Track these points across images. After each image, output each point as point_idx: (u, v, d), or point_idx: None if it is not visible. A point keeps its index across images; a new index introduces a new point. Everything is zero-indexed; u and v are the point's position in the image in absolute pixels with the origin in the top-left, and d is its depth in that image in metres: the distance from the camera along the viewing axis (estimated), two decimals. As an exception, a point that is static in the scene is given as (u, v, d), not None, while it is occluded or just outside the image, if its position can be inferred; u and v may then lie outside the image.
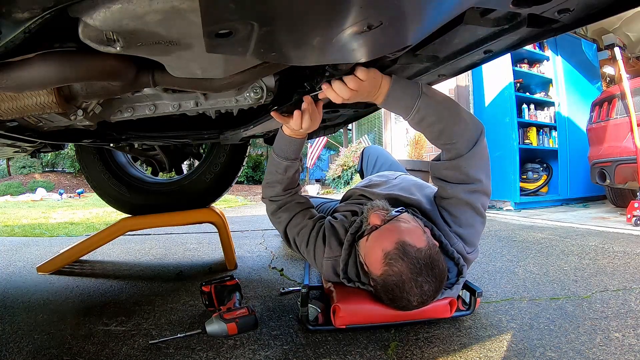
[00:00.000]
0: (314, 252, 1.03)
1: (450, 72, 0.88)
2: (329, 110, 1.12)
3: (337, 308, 0.91)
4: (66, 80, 0.58)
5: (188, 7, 0.40)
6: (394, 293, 0.83)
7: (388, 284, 0.83)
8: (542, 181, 3.97)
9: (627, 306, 1.06)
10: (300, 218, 1.07)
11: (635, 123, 2.63)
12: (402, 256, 0.82)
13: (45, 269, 1.60)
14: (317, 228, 1.05)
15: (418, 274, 0.81)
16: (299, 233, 1.06)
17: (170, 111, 0.93)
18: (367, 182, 1.32)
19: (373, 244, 0.87)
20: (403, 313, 0.94)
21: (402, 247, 0.82)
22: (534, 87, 4.09)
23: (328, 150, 12.95)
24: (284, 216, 1.08)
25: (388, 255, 0.83)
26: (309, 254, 1.05)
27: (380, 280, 0.84)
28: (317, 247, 1.03)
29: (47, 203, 7.07)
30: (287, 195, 1.09)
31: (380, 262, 0.84)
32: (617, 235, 2.18)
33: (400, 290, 0.82)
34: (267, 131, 1.42)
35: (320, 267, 1.03)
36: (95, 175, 1.70)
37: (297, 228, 1.06)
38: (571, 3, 0.54)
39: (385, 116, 6.17)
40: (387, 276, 0.83)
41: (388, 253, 0.83)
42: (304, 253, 1.06)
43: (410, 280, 0.81)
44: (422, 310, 0.94)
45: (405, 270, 0.81)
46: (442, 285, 0.85)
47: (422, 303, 0.83)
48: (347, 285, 0.97)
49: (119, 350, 0.88)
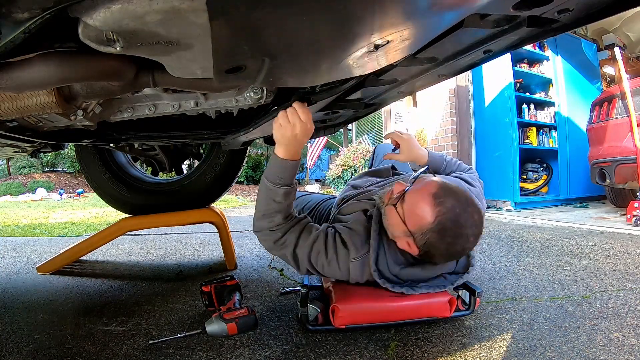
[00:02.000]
0: (336, 259, 0.96)
1: (450, 72, 0.88)
2: (328, 111, 1.12)
3: (336, 308, 0.92)
4: (66, 80, 0.58)
5: (188, 7, 0.40)
6: (452, 231, 0.85)
7: (445, 224, 0.84)
8: (542, 181, 3.97)
9: (627, 306, 1.06)
10: (307, 234, 1.00)
11: (635, 123, 2.63)
12: (449, 193, 0.87)
13: (45, 269, 1.60)
14: (330, 236, 0.99)
15: (466, 204, 0.86)
16: (312, 248, 0.98)
17: (170, 111, 0.93)
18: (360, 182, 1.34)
19: (415, 199, 0.89)
20: (402, 313, 0.94)
21: (445, 186, 0.88)
22: (534, 87, 4.10)
23: (328, 150, 12.95)
24: (290, 238, 0.99)
25: (436, 196, 0.86)
26: (330, 264, 0.97)
27: (436, 225, 0.85)
28: (339, 253, 0.97)
29: (47, 203, 7.07)
30: (289, 220, 1.01)
31: (431, 207, 0.86)
32: (617, 235, 2.18)
33: (457, 225, 0.84)
34: (267, 135, 1.42)
35: (347, 272, 0.97)
36: (95, 175, 1.70)
37: (308, 244, 0.98)
38: (571, 3, 0.54)
39: (385, 116, 6.17)
40: (442, 215, 0.85)
41: (435, 194, 0.86)
42: (324, 265, 0.98)
43: (464, 212, 0.85)
44: (421, 309, 0.95)
45: (456, 203, 0.85)
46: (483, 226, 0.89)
47: (476, 237, 0.87)
48: (378, 280, 0.94)
49: (119, 350, 0.88)
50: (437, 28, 0.52)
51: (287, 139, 0.91)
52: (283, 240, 0.99)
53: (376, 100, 1.12)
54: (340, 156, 6.75)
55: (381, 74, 0.87)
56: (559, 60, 3.91)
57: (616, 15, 0.55)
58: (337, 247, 0.97)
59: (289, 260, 1.01)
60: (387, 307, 0.94)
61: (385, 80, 0.92)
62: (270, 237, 1.00)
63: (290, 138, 0.91)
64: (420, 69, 0.85)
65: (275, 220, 0.98)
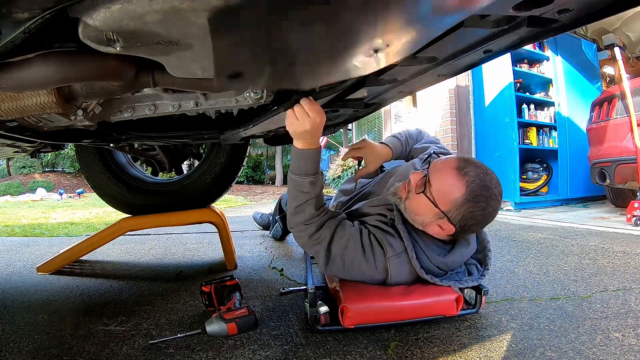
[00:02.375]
0: (373, 258, 0.97)
1: (449, 72, 0.88)
2: (328, 110, 1.12)
3: (345, 308, 0.91)
4: (66, 80, 0.58)
5: (188, 7, 0.40)
6: (484, 195, 0.89)
7: (476, 191, 0.89)
8: (542, 181, 3.97)
9: (627, 306, 1.06)
10: (342, 230, 1.00)
11: (635, 123, 2.63)
12: (468, 163, 0.92)
13: (45, 269, 1.60)
14: (366, 234, 1.00)
15: (485, 167, 0.93)
16: (347, 245, 0.98)
17: (170, 111, 0.93)
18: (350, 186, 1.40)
19: (440, 178, 0.93)
20: (409, 312, 0.95)
21: (462, 158, 0.94)
22: (534, 87, 4.09)
23: (328, 150, 12.95)
24: (325, 233, 0.99)
25: (460, 168, 0.91)
26: (367, 262, 0.97)
27: (468, 194, 0.89)
28: (375, 252, 0.97)
29: (47, 203, 7.07)
30: (322, 213, 1.01)
31: (459, 179, 0.90)
32: (617, 235, 2.18)
33: (486, 188, 0.90)
34: (266, 131, 1.42)
35: (384, 272, 0.98)
36: (95, 175, 1.70)
37: (344, 240, 0.98)
38: (571, 3, 0.54)
39: (385, 116, 6.18)
40: (471, 184, 0.89)
41: (458, 167, 0.91)
42: (360, 264, 0.97)
43: (486, 175, 0.91)
44: (428, 308, 0.96)
45: (478, 169, 0.91)
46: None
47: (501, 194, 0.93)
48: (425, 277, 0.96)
49: (119, 350, 0.88)
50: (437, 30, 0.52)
51: (300, 134, 0.93)
52: (318, 235, 0.99)
53: (376, 100, 1.12)
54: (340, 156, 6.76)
55: (381, 73, 0.87)
56: (559, 60, 3.91)
57: (616, 15, 0.55)
58: (373, 246, 0.98)
59: (320, 257, 1.00)
60: (395, 306, 0.94)
61: (385, 80, 0.92)
62: (305, 231, 1.00)
63: (302, 133, 0.92)
64: (420, 69, 0.85)
65: (307, 212, 0.99)
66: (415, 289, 0.98)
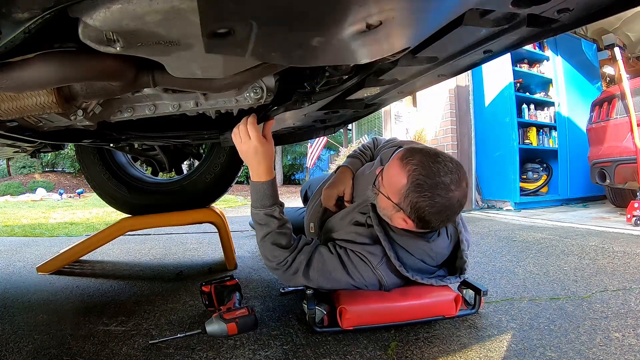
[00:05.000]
0: (359, 273, 0.95)
1: (450, 72, 0.88)
2: (328, 111, 1.12)
3: (344, 310, 0.91)
4: (66, 80, 0.58)
5: (188, 7, 0.40)
6: (426, 184, 0.83)
7: (418, 179, 0.84)
8: (542, 181, 3.97)
9: (627, 306, 1.06)
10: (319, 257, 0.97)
11: (635, 123, 2.63)
12: (414, 151, 0.88)
13: (45, 269, 1.60)
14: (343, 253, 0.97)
15: (436, 155, 0.87)
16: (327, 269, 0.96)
17: (170, 111, 0.93)
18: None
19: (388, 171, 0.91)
20: (408, 313, 0.95)
21: (410, 147, 0.91)
22: (534, 87, 4.10)
23: (328, 151, 12.95)
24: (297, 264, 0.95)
25: (403, 158, 0.88)
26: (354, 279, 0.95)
27: (410, 184, 0.85)
28: (358, 267, 0.95)
29: (47, 203, 7.07)
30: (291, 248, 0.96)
31: (401, 169, 0.87)
32: (617, 235, 2.18)
33: (430, 177, 0.84)
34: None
35: (377, 281, 0.96)
36: (95, 175, 1.70)
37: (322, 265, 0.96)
38: (571, 3, 0.54)
39: (385, 116, 6.17)
40: (412, 172, 0.85)
41: (402, 157, 0.88)
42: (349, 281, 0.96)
43: (434, 162, 0.85)
44: (427, 308, 0.96)
45: (423, 157, 0.86)
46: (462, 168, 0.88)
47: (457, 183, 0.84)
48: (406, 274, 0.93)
49: (119, 350, 0.88)
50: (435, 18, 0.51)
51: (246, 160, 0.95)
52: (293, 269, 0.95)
53: (376, 100, 1.12)
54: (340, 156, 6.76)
55: (381, 74, 0.87)
56: (559, 60, 3.91)
57: (616, 15, 0.55)
58: (354, 262, 0.95)
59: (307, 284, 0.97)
60: (394, 307, 0.94)
61: (385, 80, 0.92)
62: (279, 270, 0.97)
63: (247, 159, 0.94)
64: (420, 69, 0.85)
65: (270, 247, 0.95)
66: (414, 290, 0.98)
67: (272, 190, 0.96)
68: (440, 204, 0.84)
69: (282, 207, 0.99)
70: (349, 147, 6.87)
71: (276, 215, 0.96)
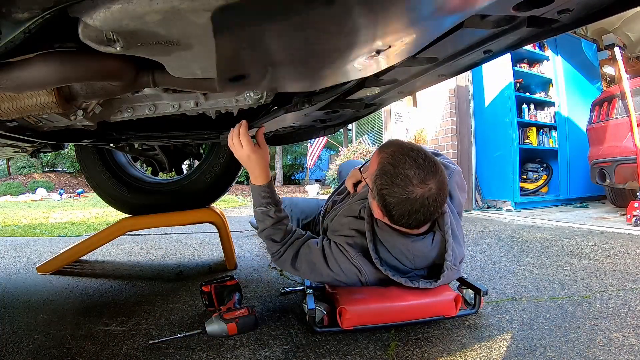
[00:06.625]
0: (337, 264, 0.99)
1: (449, 72, 0.88)
2: (329, 111, 1.12)
3: (344, 310, 0.91)
4: (66, 80, 0.58)
5: (188, 7, 0.40)
6: (389, 172, 0.85)
7: (384, 166, 0.87)
8: (542, 181, 3.97)
9: (627, 306, 1.06)
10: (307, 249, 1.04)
11: (635, 123, 2.63)
12: (393, 143, 0.91)
13: (45, 269, 1.60)
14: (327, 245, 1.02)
15: (410, 149, 0.87)
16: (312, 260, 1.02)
17: (170, 111, 0.93)
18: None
19: (371, 159, 0.95)
20: (408, 312, 0.95)
21: (393, 139, 0.94)
22: (534, 87, 4.10)
23: (328, 150, 12.96)
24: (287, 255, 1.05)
25: (381, 147, 0.92)
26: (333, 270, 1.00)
27: (379, 170, 0.88)
28: (337, 258, 1.00)
29: (47, 203, 7.07)
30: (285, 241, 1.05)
31: (376, 157, 0.91)
32: (617, 235, 2.18)
33: (395, 166, 0.85)
34: (267, 132, 1.42)
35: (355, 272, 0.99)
36: (95, 175, 1.70)
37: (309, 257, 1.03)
38: (571, 3, 0.54)
39: (385, 116, 6.17)
40: (382, 159, 0.88)
41: (381, 146, 0.92)
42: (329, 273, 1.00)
43: (405, 155, 0.85)
44: (426, 308, 0.96)
45: (397, 148, 0.88)
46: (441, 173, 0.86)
47: (422, 181, 0.83)
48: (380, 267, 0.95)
49: (119, 350, 0.88)
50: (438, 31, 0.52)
51: (243, 163, 1.02)
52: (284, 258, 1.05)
53: (376, 100, 1.12)
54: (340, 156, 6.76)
55: (381, 74, 0.87)
56: (559, 60, 3.91)
57: (616, 15, 0.55)
58: (334, 254, 1.01)
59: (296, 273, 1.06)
60: (393, 307, 0.94)
61: (385, 81, 0.92)
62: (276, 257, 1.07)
63: (244, 162, 1.01)
64: (420, 69, 0.85)
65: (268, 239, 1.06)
66: (414, 289, 0.98)
67: (269, 192, 1.04)
68: (398, 194, 0.84)
69: (278, 205, 1.05)
70: (349, 147, 6.86)
71: (271, 215, 1.04)
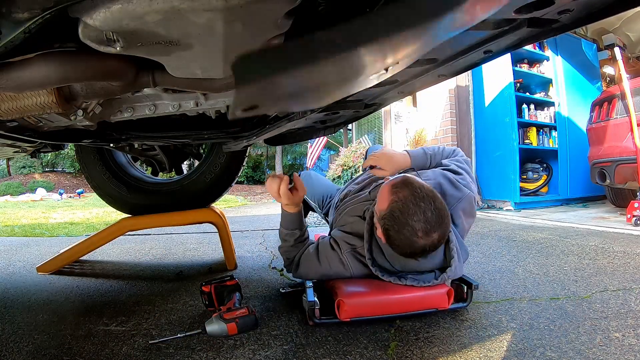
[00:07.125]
0: (328, 261, 1.10)
1: (449, 72, 0.88)
2: (329, 112, 1.12)
3: (342, 302, 0.95)
4: (66, 80, 0.58)
5: (188, 7, 0.40)
6: (399, 220, 0.90)
7: (394, 211, 0.91)
8: (542, 181, 3.97)
9: (627, 306, 1.06)
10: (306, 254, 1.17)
11: (635, 123, 2.63)
12: (406, 185, 0.93)
13: (45, 269, 1.60)
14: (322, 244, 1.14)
15: (421, 199, 0.90)
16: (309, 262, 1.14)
17: (170, 111, 0.93)
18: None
19: (382, 189, 0.99)
20: (403, 305, 0.99)
21: (407, 179, 0.96)
22: (534, 87, 4.09)
23: (328, 150, 12.95)
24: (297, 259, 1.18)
25: (395, 185, 0.94)
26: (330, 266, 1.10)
27: (387, 212, 0.92)
28: (329, 256, 1.10)
29: (47, 203, 7.07)
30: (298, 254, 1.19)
31: (388, 194, 0.94)
32: (617, 235, 2.18)
33: (404, 214, 0.89)
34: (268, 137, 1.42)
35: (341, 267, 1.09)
36: (95, 175, 1.70)
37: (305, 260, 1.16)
38: (571, 4, 0.54)
39: (385, 116, 6.17)
40: (393, 203, 0.92)
41: (395, 184, 0.95)
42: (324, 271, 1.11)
43: (415, 205, 0.89)
44: (421, 301, 0.99)
45: (410, 196, 0.91)
46: (445, 224, 0.91)
47: (427, 233, 0.88)
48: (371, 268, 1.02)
49: (119, 350, 0.88)
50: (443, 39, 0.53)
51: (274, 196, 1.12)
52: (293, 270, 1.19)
53: (376, 100, 1.12)
54: (340, 156, 6.76)
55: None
56: (559, 60, 3.91)
57: (616, 15, 0.55)
58: (326, 251, 1.11)
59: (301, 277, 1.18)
60: (389, 299, 0.99)
61: (385, 81, 0.92)
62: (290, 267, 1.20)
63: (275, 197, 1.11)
64: (420, 70, 0.85)
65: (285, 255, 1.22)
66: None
67: (297, 219, 1.17)
68: (403, 241, 0.91)
69: (302, 229, 1.18)
70: (349, 147, 6.86)
71: (296, 237, 1.18)
